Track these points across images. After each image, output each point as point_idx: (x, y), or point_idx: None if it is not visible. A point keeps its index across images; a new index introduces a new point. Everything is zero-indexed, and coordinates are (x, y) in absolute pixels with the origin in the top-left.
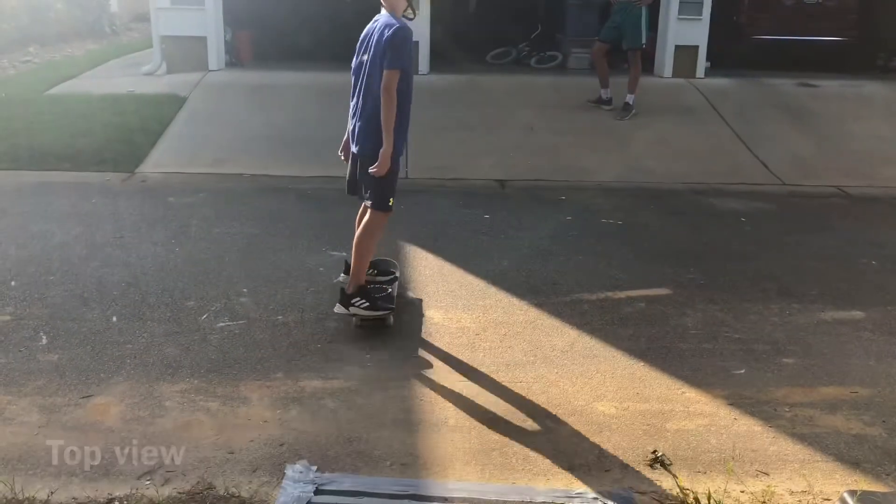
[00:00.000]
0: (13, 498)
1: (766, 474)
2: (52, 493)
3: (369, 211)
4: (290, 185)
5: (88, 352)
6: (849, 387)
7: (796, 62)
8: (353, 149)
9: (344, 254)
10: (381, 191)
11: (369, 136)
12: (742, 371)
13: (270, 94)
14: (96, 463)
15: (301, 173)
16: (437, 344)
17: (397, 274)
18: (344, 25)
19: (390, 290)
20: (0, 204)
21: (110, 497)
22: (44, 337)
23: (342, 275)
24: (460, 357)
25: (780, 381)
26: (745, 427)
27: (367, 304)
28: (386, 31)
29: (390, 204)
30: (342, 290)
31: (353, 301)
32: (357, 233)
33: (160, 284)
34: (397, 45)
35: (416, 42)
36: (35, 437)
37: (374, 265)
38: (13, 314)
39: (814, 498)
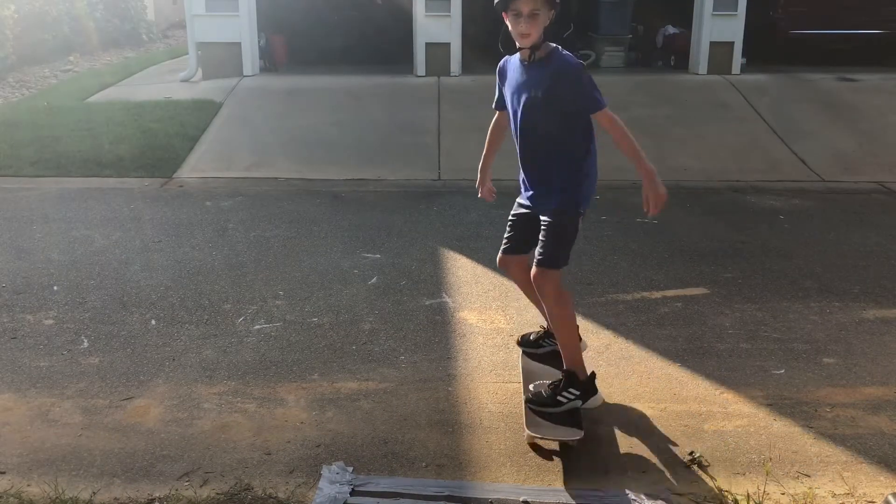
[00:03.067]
0: (57, 498)
1: (808, 476)
2: (94, 493)
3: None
4: (325, 188)
5: (128, 355)
6: (892, 387)
7: (835, 56)
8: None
9: (378, 256)
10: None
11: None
12: (781, 371)
13: (304, 99)
14: (137, 464)
15: (335, 176)
16: (471, 345)
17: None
18: (376, 29)
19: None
20: (43, 210)
21: (151, 497)
22: (85, 340)
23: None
24: (495, 358)
25: (820, 381)
26: (785, 428)
27: (578, 393)
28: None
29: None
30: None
31: (561, 392)
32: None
33: (197, 288)
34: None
35: (448, 44)
36: (78, 439)
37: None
38: (56, 318)
39: (857, 500)
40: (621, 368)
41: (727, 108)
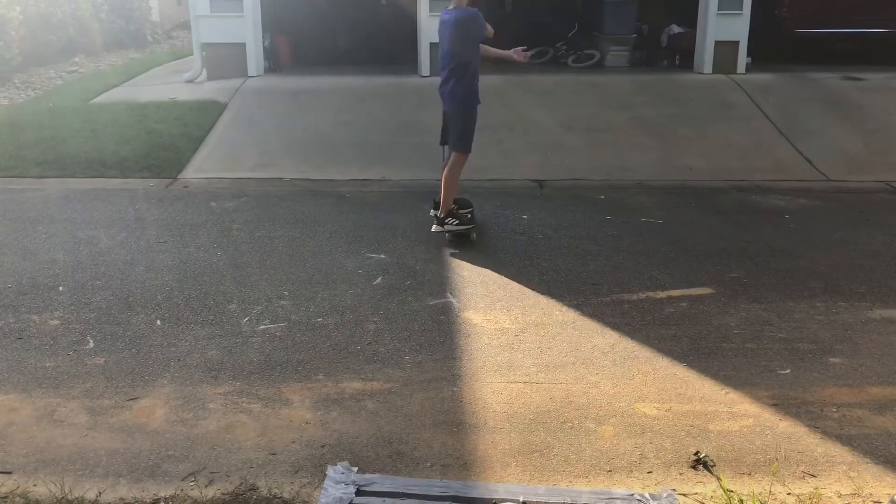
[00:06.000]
0: (63, 498)
1: (814, 476)
2: (100, 493)
3: (453, 154)
4: (329, 189)
5: (134, 355)
6: None
7: (841, 55)
8: (445, 107)
9: (383, 256)
10: (462, 136)
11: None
12: (787, 371)
13: (309, 99)
14: (143, 464)
15: (339, 176)
16: (475, 345)
17: (472, 208)
18: (381, 29)
19: (470, 215)
20: (48, 211)
21: (156, 498)
22: (91, 341)
23: (432, 211)
24: (499, 358)
25: (826, 380)
26: (791, 428)
27: (457, 221)
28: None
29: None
30: (435, 216)
31: (446, 221)
32: (444, 172)
33: (202, 288)
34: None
35: None
36: (84, 439)
37: (455, 202)
38: (61, 318)
39: (863, 501)
40: (626, 368)
41: (732, 108)
